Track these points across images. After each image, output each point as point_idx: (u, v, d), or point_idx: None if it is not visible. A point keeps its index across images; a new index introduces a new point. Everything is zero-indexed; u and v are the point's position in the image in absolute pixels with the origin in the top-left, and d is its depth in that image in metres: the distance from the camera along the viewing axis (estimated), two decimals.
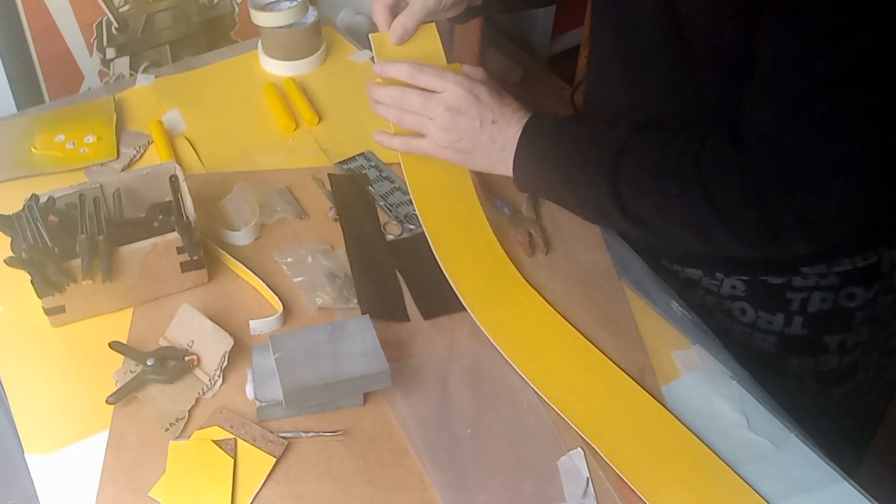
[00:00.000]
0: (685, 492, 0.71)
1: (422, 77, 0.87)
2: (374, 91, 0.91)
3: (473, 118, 0.85)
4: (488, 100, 0.86)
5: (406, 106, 0.88)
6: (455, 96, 0.85)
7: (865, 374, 0.92)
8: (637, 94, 0.85)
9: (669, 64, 0.79)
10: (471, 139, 0.86)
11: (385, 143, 0.92)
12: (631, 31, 0.81)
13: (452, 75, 0.86)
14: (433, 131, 0.87)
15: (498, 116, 0.85)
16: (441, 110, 0.86)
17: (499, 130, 0.85)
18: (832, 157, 0.69)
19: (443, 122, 0.86)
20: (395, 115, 0.90)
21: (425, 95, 0.87)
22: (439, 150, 0.89)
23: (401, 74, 0.88)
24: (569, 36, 2.29)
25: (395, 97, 0.88)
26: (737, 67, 0.73)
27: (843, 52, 0.66)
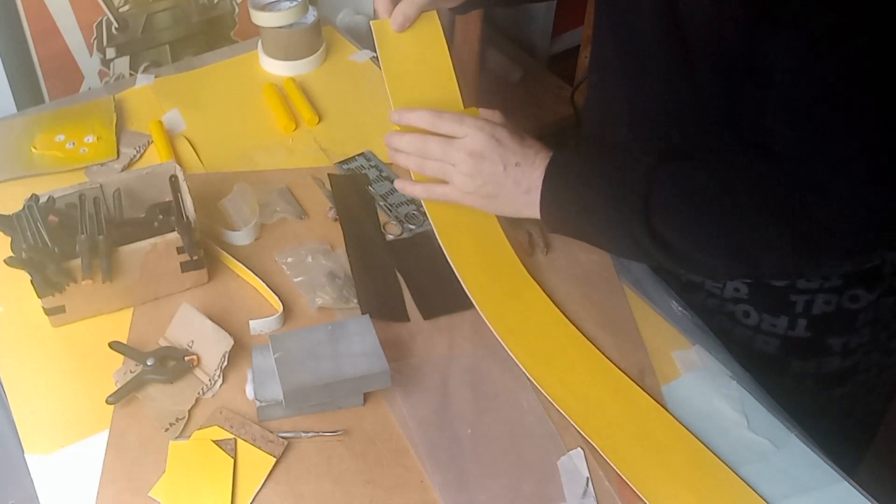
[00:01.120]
0: (685, 492, 0.71)
1: (442, 123, 0.86)
2: (393, 139, 0.89)
3: (496, 162, 0.84)
4: (510, 143, 0.84)
5: (427, 153, 0.87)
6: (477, 141, 0.84)
7: (866, 375, 0.92)
8: (636, 94, 0.85)
9: (669, 64, 0.78)
10: (495, 184, 0.84)
11: (407, 191, 0.91)
12: (631, 31, 0.81)
13: (472, 120, 0.85)
14: (456, 177, 0.86)
15: (521, 159, 0.84)
16: (463, 156, 0.84)
17: (523, 173, 0.83)
18: (859, 164, 0.68)
19: (465, 167, 0.84)
20: (416, 163, 0.88)
21: (446, 141, 0.85)
22: (463, 197, 0.87)
23: (420, 122, 0.87)
24: (569, 36, 2.29)
25: (415, 144, 0.87)
26: (737, 68, 0.73)
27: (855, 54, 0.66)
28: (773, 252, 0.74)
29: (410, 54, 0.93)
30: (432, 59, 0.93)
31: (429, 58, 0.93)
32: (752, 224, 0.73)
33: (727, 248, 0.75)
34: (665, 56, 0.78)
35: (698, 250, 0.77)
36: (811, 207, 0.70)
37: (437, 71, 0.93)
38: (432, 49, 0.90)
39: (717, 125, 0.78)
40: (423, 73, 0.93)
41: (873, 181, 0.69)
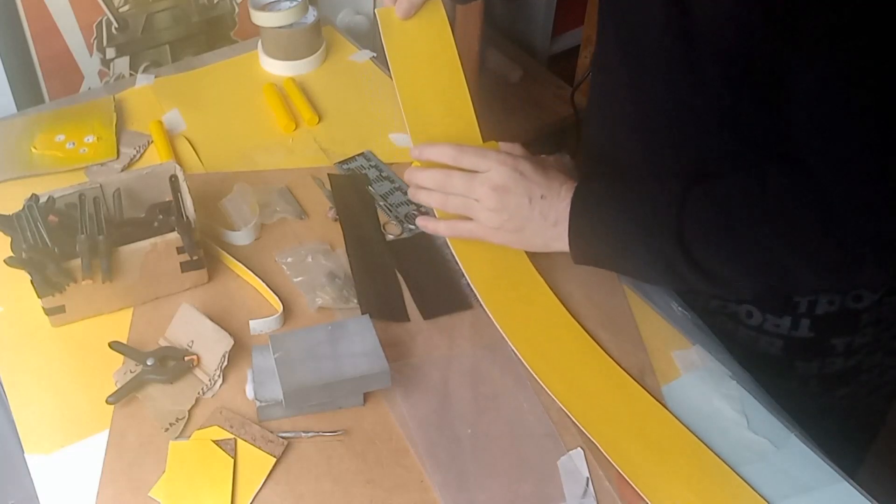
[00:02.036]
0: (686, 491, 0.71)
1: (463, 157, 0.84)
2: (414, 175, 0.87)
3: (521, 195, 0.82)
4: (534, 175, 0.82)
5: (450, 188, 0.85)
6: (500, 174, 0.82)
7: (868, 375, 0.92)
8: (638, 95, 0.85)
9: (672, 66, 0.78)
10: (521, 217, 0.82)
11: (430, 229, 0.89)
12: (634, 32, 0.81)
13: (494, 154, 0.84)
14: (481, 213, 0.84)
15: (546, 191, 0.82)
16: (487, 190, 0.82)
17: (549, 205, 0.82)
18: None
19: (490, 202, 0.82)
20: (439, 200, 0.86)
21: (470, 176, 0.84)
22: (489, 233, 0.85)
23: (442, 156, 0.85)
24: (569, 36, 2.28)
25: (438, 180, 0.85)
26: (751, 75, 0.72)
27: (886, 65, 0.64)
28: (815, 268, 0.72)
29: (416, 43, 0.92)
30: (438, 48, 0.93)
31: (434, 46, 0.93)
32: (792, 241, 0.71)
33: (766, 267, 0.74)
34: (668, 58, 0.78)
35: (737, 271, 0.75)
36: (850, 220, 0.69)
37: (443, 59, 0.93)
38: (437, 37, 0.89)
39: (717, 126, 0.78)
40: (429, 61, 0.93)
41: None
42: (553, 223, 0.82)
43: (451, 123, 0.92)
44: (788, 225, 0.71)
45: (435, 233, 0.89)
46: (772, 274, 0.74)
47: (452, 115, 0.93)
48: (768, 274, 0.74)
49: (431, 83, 0.91)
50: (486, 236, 0.86)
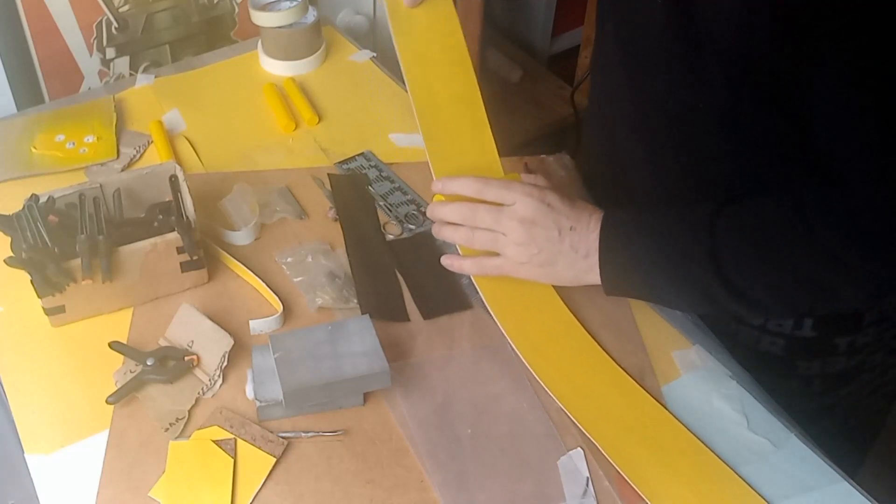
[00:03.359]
0: (686, 492, 0.71)
1: (488, 190, 0.82)
2: (437, 210, 0.85)
3: (550, 227, 0.79)
4: (561, 206, 0.80)
5: (476, 222, 0.82)
6: (527, 207, 0.80)
7: (870, 375, 0.92)
8: (639, 98, 0.84)
9: (673, 69, 0.77)
10: (551, 251, 0.80)
11: (455, 268, 0.85)
12: (634, 32, 0.81)
13: (519, 186, 0.81)
14: (509, 248, 0.81)
15: (575, 222, 0.79)
16: (515, 224, 0.80)
17: (579, 237, 0.79)
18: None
19: (518, 236, 0.80)
20: (465, 236, 0.83)
21: (496, 209, 0.81)
22: (517, 268, 0.82)
23: (466, 190, 0.83)
24: (569, 36, 2.29)
25: (463, 214, 0.83)
26: (748, 72, 0.71)
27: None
28: (856, 283, 0.70)
29: (423, 31, 0.92)
30: (446, 37, 0.92)
31: (443, 36, 0.92)
32: (831, 258, 0.69)
33: (807, 286, 0.72)
34: (669, 58, 0.78)
35: (776, 293, 0.73)
36: (888, 232, 0.67)
37: (452, 50, 0.92)
38: (445, 27, 0.89)
39: (717, 126, 0.77)
40: (436, 51, 0.92)
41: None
42: (584, 255, 0.79)
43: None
44: (826, 242, 0.69)
45: (461, 271, 0.86)
46: (813, 293, 0.72)
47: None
48: (809, 293, 0.72)
49: (440, 75, 0.90)
50: (514, 272, 0.83)
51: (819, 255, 0.69)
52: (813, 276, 0.71)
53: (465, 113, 0.92)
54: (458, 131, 0.92)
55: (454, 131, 0.92)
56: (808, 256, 0.70)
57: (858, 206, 0.68)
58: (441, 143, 0.90)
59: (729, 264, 0.72)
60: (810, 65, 0.67)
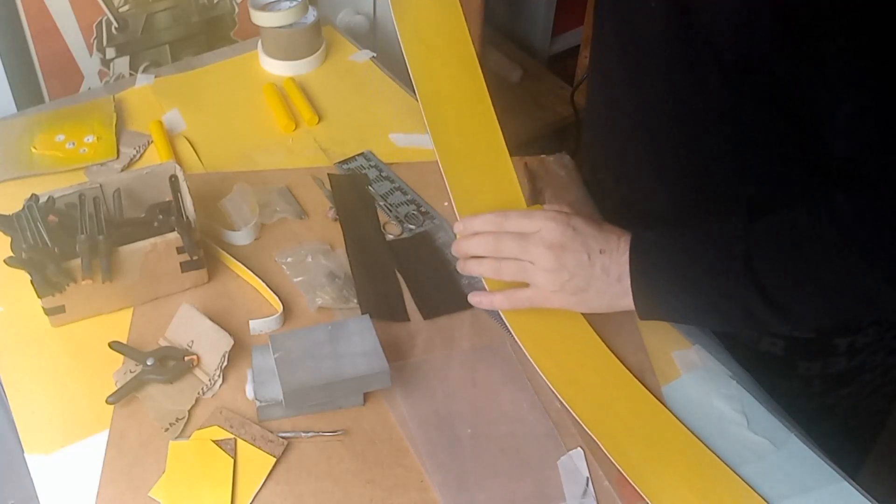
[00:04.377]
0: (686, 492, 0.71)
1: (510, 222, 0.80)
2: (462, 245, 0.83)
3: (579, 251, 0.77)
4: (588, 229, 0.78)
5: (502, 252, 0.80)
6: (553, 232, 0.77)
7: (871, 375, 0.92)
8: (639, 98, 0.84)
9: (673, 69, 0.77)
10: (582, 276, 0.77)
11: (485, 304, 0.83)
12: (634, 32, 0.81)
13: (542, 213, 0.79)
14: (538, 276, 0.78)
15: (604, 245, 0.77)
16: (542, 250, 0.77)
17: (610, 260, 0.76)
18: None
19: (547, 262, 0.77)
20: (492, 268, 0.81)
21: (522, 237, 0.79)
22: (549, 297, 0.79)
23: (486, 225, 0.81)
24: (569, 36, 2.29)
25: (488, 245, 0.81)
26: (748, 73, 0.71)
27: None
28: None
29: (427, 21, 0.92)
30: (450, 28, 0.92)
31: (446, 26, 0.92)
32: (871, 263, 0.67)
33: (850, 294, 0.70)
34: (668, 58, 0.78)
35: (818, 304, 0.71)
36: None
37: (455, 40, 0.92)
38: (448, 17, 0.88)
39: (717, 126, 0.77)
40: (440, 41, 0.92)
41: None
42: (617, 279, 0.77)
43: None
44: (865, 248, 0.67)
45: (490, 307, 0.83)
46: (857, 301, 0.70)
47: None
48: (853, 302, 0.71)
49: (445, 66, 0.89)
50: (546, 301, 0.80)
51: (859, 262, 0.68)
52: (855, 284, 0.69)
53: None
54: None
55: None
56: (848, 263, 0.68)
57: (886, 204, 0.67)
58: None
59: (769, 279, 0.70)
60: (812, 65, 0.66)
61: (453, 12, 0.95)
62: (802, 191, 0.77)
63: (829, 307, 0.72)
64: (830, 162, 0.71)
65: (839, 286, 0.70)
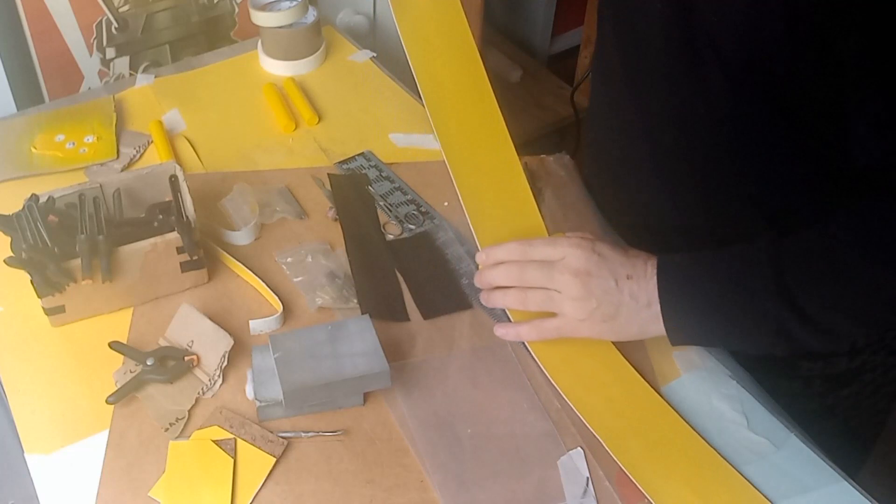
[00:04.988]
0: (689, 489, 0.71)
1: (533, 250, 0.79)
2: (485, 276, 0.82)
3: (606, 277, 0.75)
4: (614, 255, 0.76)
5: (527, 280, 0.79)
6: (578, 259, 0.76)
7: (872, 375, 0.92)
8: (641, 102, 0.84)
9: (675, 74, 0.77)
10: (611, 303, 0.75)
11: (511, 336, 0.81)
12: (636, 37, 0.80)
13: (566, 240, 0.78)
14: (565, 305, 0.77)
15: (631, 270, 0.75)
16: (568, 278, 0.76)
17: (638, 285, 0.75)
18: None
19: (573, 290, 0.76)
20: (517, 298, 0.80)
21: (546, 265, 0.78)
22: (578, 327, 0.77)
23: (510, 254, 0.80)
24: (569, 36, 2.29)
25: (512, 274, 0.79)
26: (752, 77, 0.71)
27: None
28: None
29: (428, 20, 0.92)
30: (450, 23, 0.92)
31: (446, 22, 0.92)
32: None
33: (886, 303, 0.69)
34: (670, 63, 0.77)
35: (854, 316, 0.70)
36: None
37: (456, 36, 0.92)
38: (449, 16, 0.88)
39: (720, 130, 0.77)
40: (441, 37, 0.92)
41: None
42: (646, 304, 0.75)
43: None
44: (892, 254, 0.67)
45: (517, 339, 0.81)
46: (890, 309, 0.70)
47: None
48: (886, 310, 0.70)
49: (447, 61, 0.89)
50: (575, 331, 0.78)
51: (888, 270, 0.67)
52: (885, 292, 0.68)
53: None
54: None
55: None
56: (878, 273, 0.67)
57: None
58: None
59: (802, 296, 0.69)
60: (825, 69, 0.65)
61: (453, 11, 0.95)
62: (810, 191, 0.77)
63: (862, 318, 0.71)
64: (844, 165, 0.71)
65: (871, 296, 0.69)
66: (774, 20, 0.66)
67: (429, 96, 0.93)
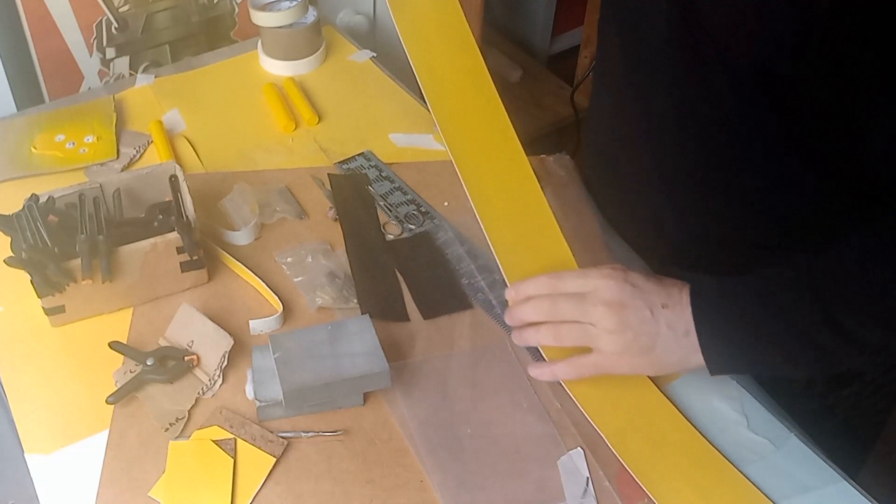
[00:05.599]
0: (690, 489, 0.71)
1: (563, 283, 0.77)
2: (516, 312, 0.79)
3: (641, 308, 0.72)
4: (647, 284, 0.74)
5: (559, 314, 0.76)
6: (611, 289, 0.74)
7: (872, 375, 0.92)
8: (644, 105, 0.83)
9: (678, 77, 0.77)
10: (648, 334, 0.72)
11: (547, 376, 0.78)
12: (640, 39, 0.80)
13: (597, 271, 0.76)
14: (601, 339, 0.74)
15: (666, 299, 0.73)
16: (602, 310, 0.73)
17: (674, 314, 0.72)
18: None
19: (608, 323, 0.73)
20: (551, 334, 0.77)
21: (578, 297, 0.75)
22: (616, 361, 0.74)
23: (540, 288, 0.78)
24: (569, 36, 2.29)
25: (543, 309, 0.77)
26: (756, 81, 0.70)
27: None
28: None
29: (426, 18, 0.91)
30: (449, 23, 0.92)
31: (446, 21, 0.92)
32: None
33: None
34: (674, 63, 0.77)
35: (893, 327, 0.67)
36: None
37: (456, 35, 0.92)
38: (447, 11, 0.88)
39: (722, 133, 0.77)
40: (441, 37, 0.92)
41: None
42: (684, 333, 0.72)
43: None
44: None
45: (553, 378, 0.78)
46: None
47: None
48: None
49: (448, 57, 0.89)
50: (613, 366, 0.75)
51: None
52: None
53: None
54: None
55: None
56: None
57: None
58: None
59: (842, 313, 0.67)
60: (839, 77, 0.65)
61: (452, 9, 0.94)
62: (813, 194, 0.76)
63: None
64: (845, 166, 0.70)
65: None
66: (783, 24, 0.65)
67: (432, 97, 0.93)
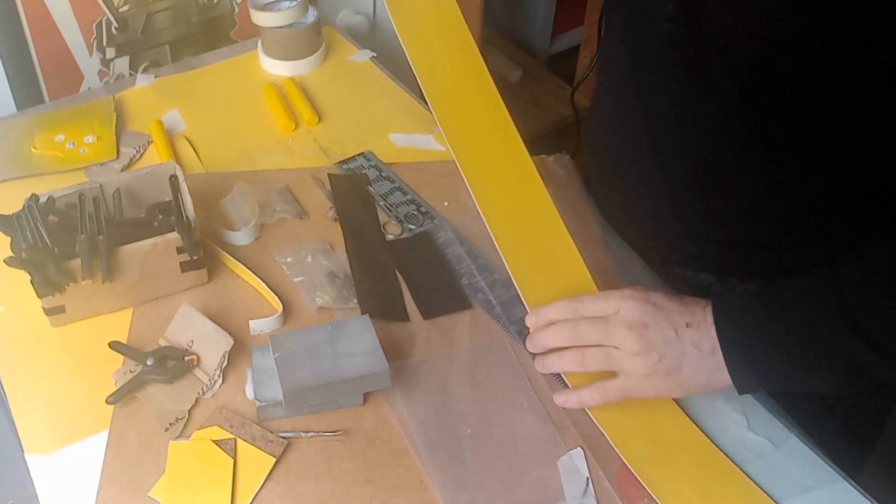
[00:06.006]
0: (691, 488, 0.71)
1: (584, 306, 0.76)
2: (537, 338, 0.78)
3: (665, 328, 0.71)
4: (669, 304, 0.73)
5: (582, 338, 0.75)
6: (633, 311, 0.72)
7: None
8: (646, 104, 0.83)
9: (681, 77, 0.76)
10: (673, 355, 0.71)
11: (572, 402, 0.76)
12: (642, 39, 0.80)
13: (618, 293, 0.75)
14: (626, 362, 0.73)
15: (689, 318, 0.72)
16: (625, 332, 0.72)
17: (699, 333, 0.71)
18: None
19: (632, 345, 0.72)
20: (574, 359, 0.76)
21: (600, 320, 0.74)
22: (642, 384, 0.73)
23: (561, 313, 0.77)
24: (569, 36, 2.29)
25: (565, 333, 0.76)
26: (759, 80, 0.70)
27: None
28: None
29: (425, 18, 0.91)
30: (448, 22, 0.92)
31: (445, 21, 0.92)
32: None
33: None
34: (676, 63, 0.77)
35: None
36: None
37: (455, 34, 0.92)
38: (445, 10, 0.87)
39: (724, 132, 0.77)
40: (441, 36, 0.91)
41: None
42: (710, 352, 0.71)
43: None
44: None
45: (579, 406, 0.76)
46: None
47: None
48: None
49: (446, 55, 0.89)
50: (639, 389, 0.74)
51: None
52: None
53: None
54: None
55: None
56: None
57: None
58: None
59: (870, 323, 0.66)
60: (839, 76, 0.65)
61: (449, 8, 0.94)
62: (815, 196, 0.76)
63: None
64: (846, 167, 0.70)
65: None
66: (784, 24, 0.65)
67: (433, 97, 0.93)
